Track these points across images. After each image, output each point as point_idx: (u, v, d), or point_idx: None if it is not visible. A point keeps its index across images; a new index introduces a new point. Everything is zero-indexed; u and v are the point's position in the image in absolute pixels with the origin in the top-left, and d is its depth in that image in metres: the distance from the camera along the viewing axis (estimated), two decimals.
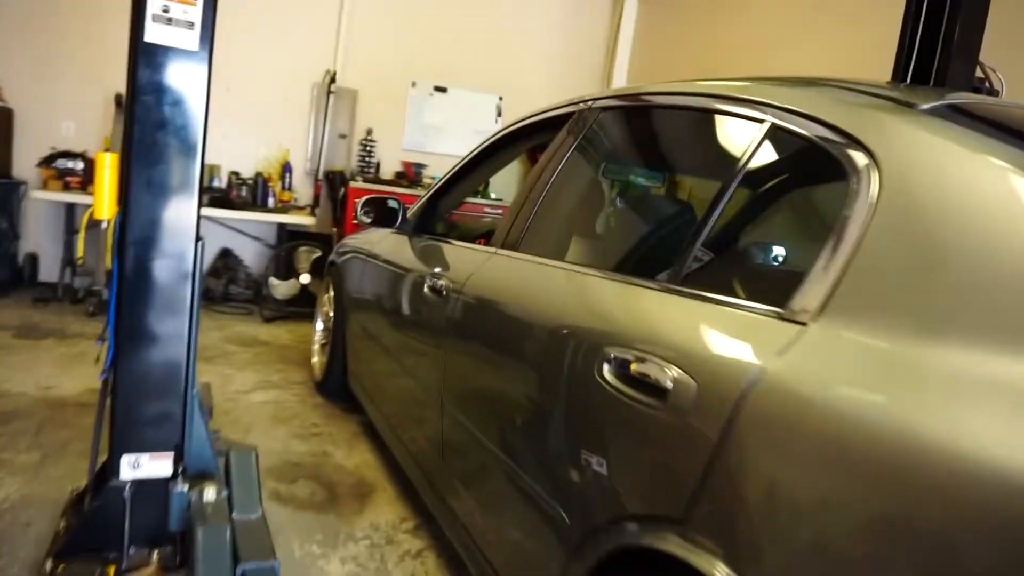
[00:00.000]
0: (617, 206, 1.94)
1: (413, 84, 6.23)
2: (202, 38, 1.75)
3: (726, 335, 1.03)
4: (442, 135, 6.38)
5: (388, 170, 6.17)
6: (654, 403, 1.05)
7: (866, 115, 1.05)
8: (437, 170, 6.19)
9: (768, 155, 1.20)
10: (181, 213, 1.78)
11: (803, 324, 0.93)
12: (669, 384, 1.03)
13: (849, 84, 1.20)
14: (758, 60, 4.90)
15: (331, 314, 3.41)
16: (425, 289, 2.05)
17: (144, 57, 1.70)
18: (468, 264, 1.92)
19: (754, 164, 1.20)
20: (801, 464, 0.83)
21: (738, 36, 5.17)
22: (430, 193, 2.61)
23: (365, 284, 2.85)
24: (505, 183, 5.88)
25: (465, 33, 6.28)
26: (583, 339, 1.29)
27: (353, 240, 3.36)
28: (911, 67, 3.01)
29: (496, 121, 6.49)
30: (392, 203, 2.58)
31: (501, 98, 6.48)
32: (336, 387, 3.29)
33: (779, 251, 1.29)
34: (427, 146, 6.34)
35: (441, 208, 2.65)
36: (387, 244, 2.71)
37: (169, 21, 1.70)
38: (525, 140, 2.29)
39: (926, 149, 0.94)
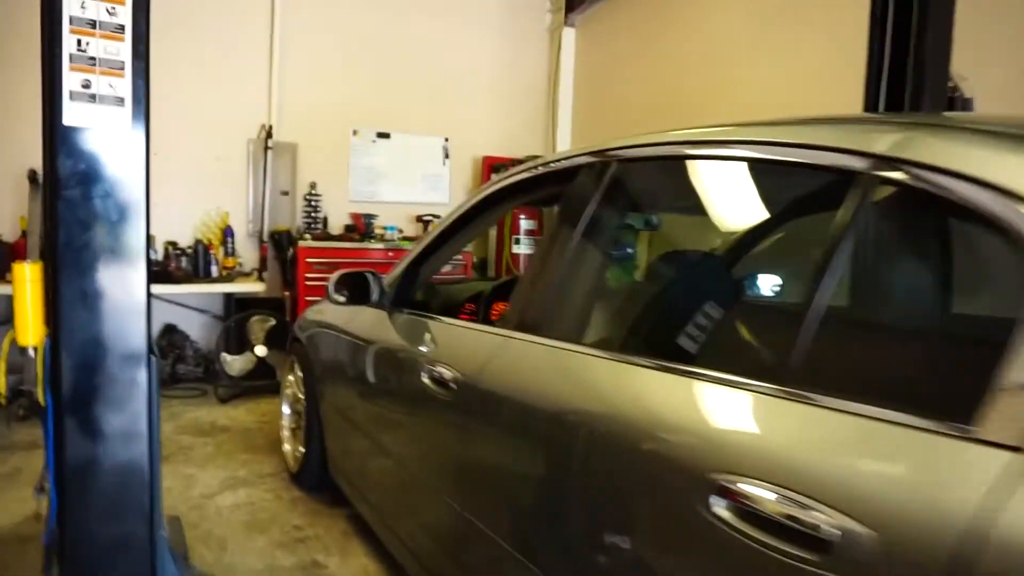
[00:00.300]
0: (677, 278, 1.68)
1: (355, 132, 5.95)
2: (135, 115, 1.45)
3: (894, 462, 0.78)
4: (390, 182, 6.10)
5: (336, 224, 5.84)
6: (809, 557, 0.79)
7: None
8: (388, 219, 5.90)
9: (898, 218, 0.98)
10: (127, 327, 1.46)
11: (1017, 449, 0.69)
12: (834, 535, 0.77)
13: (965, 122, 0.99)
14: (707, 79, 4.81)
15: (300, 396, 3.07)
16: (424, 378, 1.76)
17: (64, 144, 1.39)
18: (475, 350, 1.65)
19: (878, 228, 0.97)
20: None
21: (684, 55, 5.08)
22: (408, 261, 2.33)
23: (341, 365, 2.54)
24: None
25: (404, 76, 6.04)
26: (670, 459, 1.03)
27: (317, 313, 3.04)
28: (881, 84, 2.90)
29: (444, 163, 6.25)
30: (369, 277, 2.29)
31: (447, 139, 6.25)
32: (315, 478, 2.94)
33: (933, 343, 1.06)
34: (376, 195, 6.04)
35: (421, 276, 2.37)
36: (363, 320, 2.41)
37: (92, 98, 1.40)
38: (520, 195, 2.04)
39: None
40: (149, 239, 1.47)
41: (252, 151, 5.58)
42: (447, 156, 6.27)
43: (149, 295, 1.47)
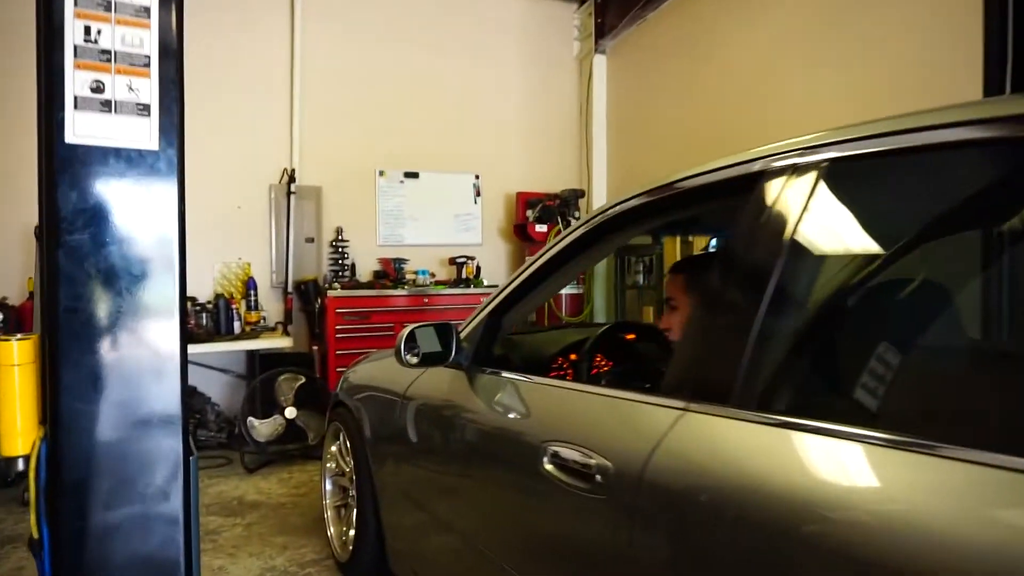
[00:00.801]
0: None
1: (381, 173, 5.60)
2: (164, 128, 1.05)
3: None
4: (420, 224, 5.73)
5: (365, 270, 5.46)
6: None
7: None
8: (419, 263, 5.51)
9: None
10: (155, 422, 1.04)
11: None
12: None
13: None
14: (757, 95, 4.44)
15: (346, 469, 2.64)
16: (546, 464, 1.33)
17: (66, 170, 0.99)
18: (626, 427, 1.22)
19: None
20: None
21: (728, 72, 4.72)
22: (488, 310, 1.92)
23: (406, 436, 2.11)
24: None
25: (430, 113, 5.73)
26: None
27: (366, 371, 2.61)
28: (1007, 65, 2.52)
29: (475, 201, 5.89)
30: (444, 330, 1.87)
31: (478, 176, 5.90)
32: (370, 568, 2.48)
33: None
34: (406, 238, 5.67)
35: (504, 329, 1.95)
36: (434, 383, 1.99)
37: (107, 105, 1.01)
38: (633, 226, 1.63)
39: None
40: (185, 302, 1.07)
41: (274, 197, 5.24)
42: (478, 194, 5.91)
43: (185, 377, 1.06)
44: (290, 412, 4.32)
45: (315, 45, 5.37)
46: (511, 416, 1.63)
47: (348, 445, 2.62)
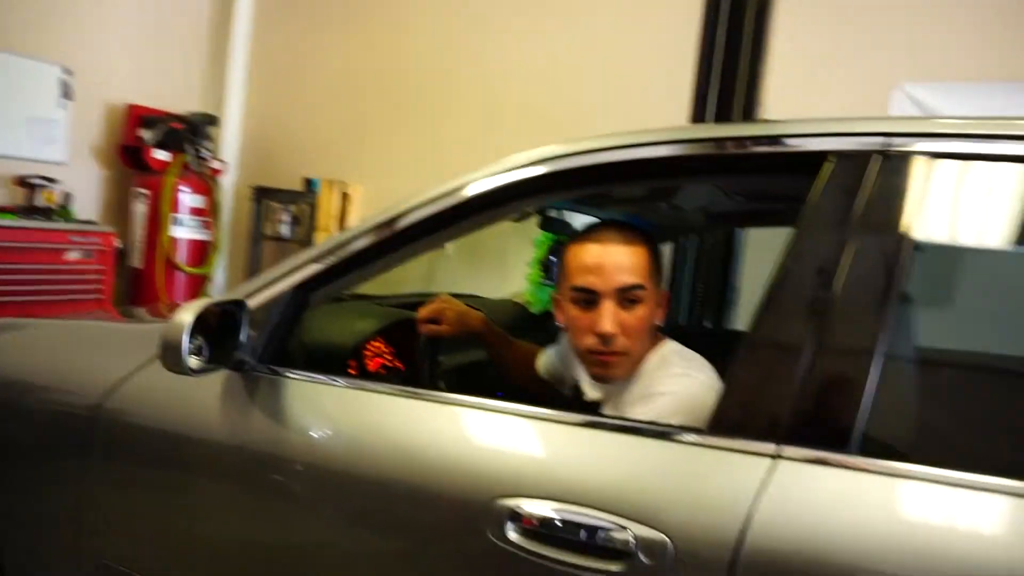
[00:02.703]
0: None
1: None
2: None
3: None
4: None
5: None
6: None
7: None
8: None
9: None
10: None
11: None
12: None
13: None
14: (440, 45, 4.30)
15: None
16: (510, 533, 0.93)
17: None
18: (666, 481, 0.91)
19: None
20: None
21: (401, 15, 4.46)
22: (292, 282, 1.31)
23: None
24: None
25: None
26: None
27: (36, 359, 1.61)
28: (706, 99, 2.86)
29: (63, 105, 4.40)
30: (238, 311, 1.21)
31: (70, 72, 4.39)
32: None
33: None
34: None
35: (311, 309, 1.36)
36: (170, 393, 1.30)
37: None
38: (565, 191, 1.27)
39: None
40: None
41: None
42: (67, 96, 4.42)
43: None
44: None
45: None
46: (417, 466, 1.10)
47: None
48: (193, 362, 1.12)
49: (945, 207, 0.96)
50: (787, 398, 0.88)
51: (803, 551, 0.81)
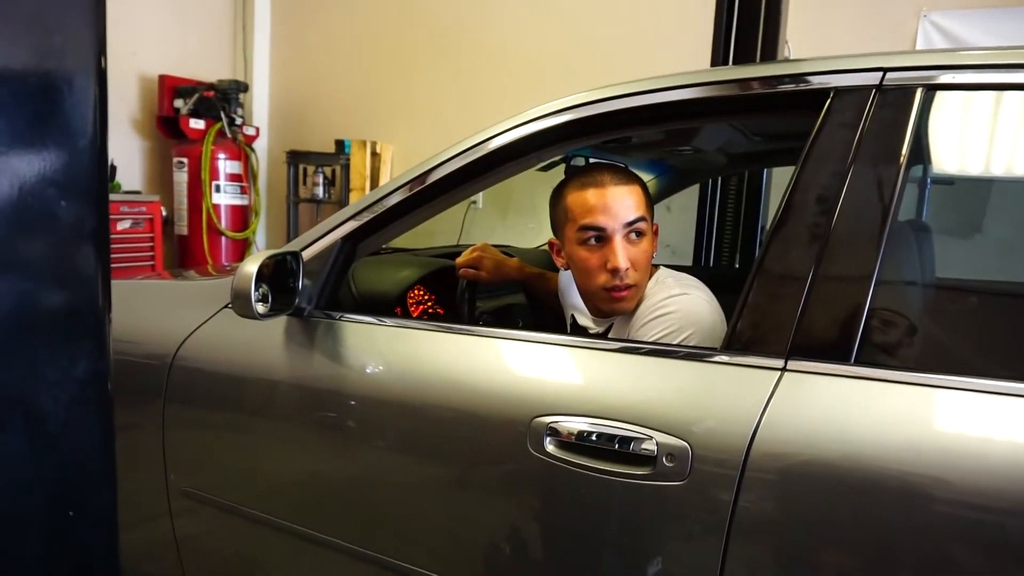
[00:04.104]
0: None
1: None
2: None
3: None
4: None
5: None
6: None
7: None
8: None
9: None
10: None
11: None
12: None
13: None
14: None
15: None
16: (548, 446, 1.06)
17: None
18: (681, 394, 1.02)
19: None
20: None
21: None
22: (343, 228, 1.42)
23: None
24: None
25: None
26: None
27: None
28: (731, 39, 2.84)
29: None
30: (285, 261, 1.34)
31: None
32: None
33: None
34: None
35: (358, 259, 1.49)
36: (235, 337, 1.44)
37: None
38: (584, 136, 1.35)
39: None
40: None
41: None
42: None
43: None
44: None
45: None
46: (451, 386, 1.24)
47: None
48: (260, 308, 1.26)
49: (940, 138, 1.03)
50: (793, 317, 0.97)
51: (804, 452, 0.92)
